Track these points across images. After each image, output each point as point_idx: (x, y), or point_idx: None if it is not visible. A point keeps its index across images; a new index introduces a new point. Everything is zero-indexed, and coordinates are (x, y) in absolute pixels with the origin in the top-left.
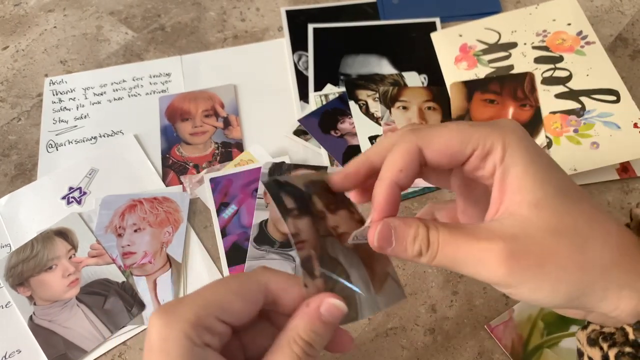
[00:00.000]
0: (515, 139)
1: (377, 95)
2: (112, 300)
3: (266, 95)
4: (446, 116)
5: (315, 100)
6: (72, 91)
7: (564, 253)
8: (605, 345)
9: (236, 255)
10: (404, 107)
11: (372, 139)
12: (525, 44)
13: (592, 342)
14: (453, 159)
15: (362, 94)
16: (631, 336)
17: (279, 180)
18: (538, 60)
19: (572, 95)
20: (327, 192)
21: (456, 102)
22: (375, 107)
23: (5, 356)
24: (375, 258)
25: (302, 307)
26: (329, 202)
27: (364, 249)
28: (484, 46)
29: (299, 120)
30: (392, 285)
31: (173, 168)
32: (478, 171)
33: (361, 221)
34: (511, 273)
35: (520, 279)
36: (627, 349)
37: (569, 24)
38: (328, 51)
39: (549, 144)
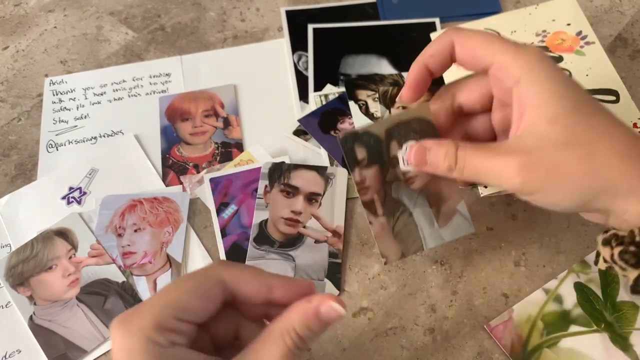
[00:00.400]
0: (534, 59)
1: (377, 95)
2: (112, 300)
3: (266, 95)
4: None
5: (315, 101)
6: (72, 91)
7: (572, 163)
8: (614, 245)
9: (236, 255)
10: (404, 107)
11: None
12: (524, 44)
13: (605, 242)
14: (475, 63)
15: (362, 94)
16: (637, 237)
17: (358, 131)
18: None
19: None
20: (413, 132)
21: None
22: (375, 107)
23: (5, 356)
24: (443, 198)
25: (302, 302)
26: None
27: (432, 190)
28: None
29: (299, 120)
30: (459, 220)
31: (173, 168)
32: (498, 82)
33: None
34: (526, 182)
35: (534, 187)
36: (631, 248)
37: (569, 24)
38: (328, 51)
39: None
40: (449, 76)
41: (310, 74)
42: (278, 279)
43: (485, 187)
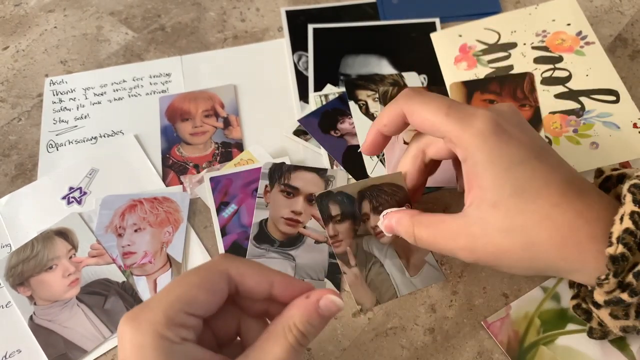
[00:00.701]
0: (478, 138)
1: (377, 95)
2: (113, 300)
3: (266, 96)
4: None
5: (315, 101)
6: (72, 91)
7: (514, 250)
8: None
9: (236, 254)
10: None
11: None
12: (524, 44)
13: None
14: (429, 132)
15: (362, 94)
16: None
17: (332, 191)
18: (538, 60)
19: (572, 95)
20: (384, 193)
21: None
22: (375, 107)
23: (5, 356)
24: (411, 250)
25: (301, 298)
26: (380, 204)
27: (400, 244)
28: (484, 46)
29: (299, 120)
30: (430, 269)
31: (173, 168)
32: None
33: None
34: (477, 261)
35: (485, 264)
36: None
37: (569, 24)
38: (328, 51)
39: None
40: (449, 77)
41: (310, 74)
42: (280, 275)
43: None
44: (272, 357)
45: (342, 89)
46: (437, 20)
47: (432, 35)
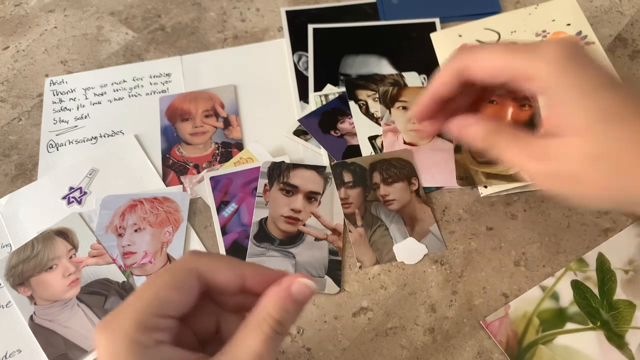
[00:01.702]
0: (561, 61)
1: (377, 95)
2: (113, 300)
3: (266, 96)
4: None
5: (315, 101)
6: (72, 91)
7: (599, 178)
8: None
9: (236, 253)
10: (404, 107)
11: (372, 139)
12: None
13: None
14: (495, 79)
15: (362, 94)
16: None
17: (346, 161)
18: None
19: None
20: (393, 167)
21: None
22: (375, 107)
23: (5, 356)
24: (417, 219)
25: (273, 287)
26: (389, 176)
27: (408, 212)
28: None
29: (299, 120)
30: (432, 239)
31: (173, 168)
32: (522, 89)
33: (416, 191)
34: (552, 189)
35: (560, 193)
36: None
37: (569, 24)
38: (328, 51)
39: None
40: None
41: (310, 74)
42: (251, 267)
43: (486, 187)
44: (248, 349)
45: (342, 89)
46: (437, 20)
47: (432, 35)
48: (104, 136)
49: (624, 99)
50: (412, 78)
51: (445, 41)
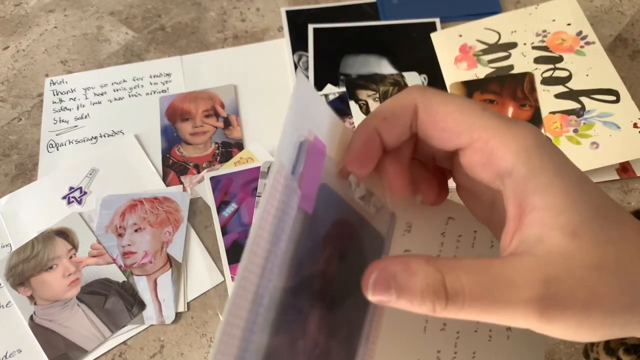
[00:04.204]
0: (531, 141)
1: (378, 95)
2: (113, 300)
3: (266, 96)
4: None
5: None
6: (72, 91)
7: (610, 294)
8: (625, 358)
9: (237, 253)
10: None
11: None
12: (525, 44)
13: (611, 351)
14: (445, 137)
15: (363, 94)
16: None
17: None
18: (538, 60)
19: (572, 95)
20: None
21: None
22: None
23: (5, 356)
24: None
25: None
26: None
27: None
28: (484, 46)
29: None
30: None
31: (173, 168)
32: (477, 169)
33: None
34: (551, 322)
35: (560, 325)
36: None
37: (569, 24)
38: (328, 51)
39: None
40: (450, 77)
41: (310, 74)
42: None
43: None
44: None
45: (343, 89)
46: (437, 20)
47: (432, 35)
48: (104, 136)
49: (605, 195)
50: (412, 78)
51: (445, 41)
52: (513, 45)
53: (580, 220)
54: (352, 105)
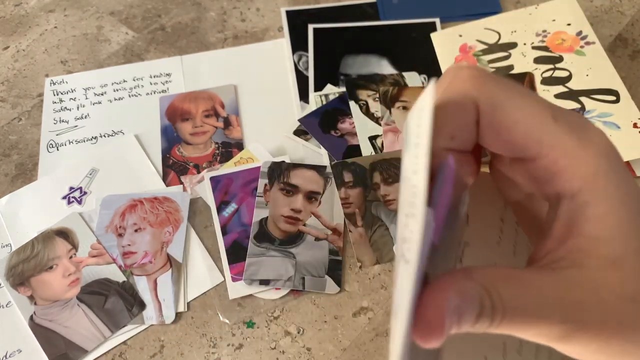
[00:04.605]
0: (606, 167)
1: (378, 95)
2: (113, 300)
3: (266, 95)
4: None
5: (316, 100)
6: (72, 91)
7: (637, 326)
8: None
9: (237, 253)
10: (404, 107)
11: (373, 138)
12: (525, 44)
13: None
14: (509, 149)
15: (363, 94)
16: None
17: (347, 161)
18: (538, 60)
19: (572, 95)
20: (393, 167)
21: None
22: (376, 107)
23: (5, 356)
24: None
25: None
26: (389, 176)
27: None
28: (484, 46)
29: (299, 120)
30: None
31: (173, 168)
32: (535, 182)
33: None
34: (570, 343)
35: (578, 348)
36: None
37: (569, 24)
38: (328, 51)
39: None
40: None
41: (310, 74)
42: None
43: None
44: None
45: (343, 89)
46: (437, 20)
47: (433, 35)
48: (104, 136)
49: None
50: (412, 78)
51: (445, 41)
52: (513, 45)
53: (624, 253)
54: (352, 105)
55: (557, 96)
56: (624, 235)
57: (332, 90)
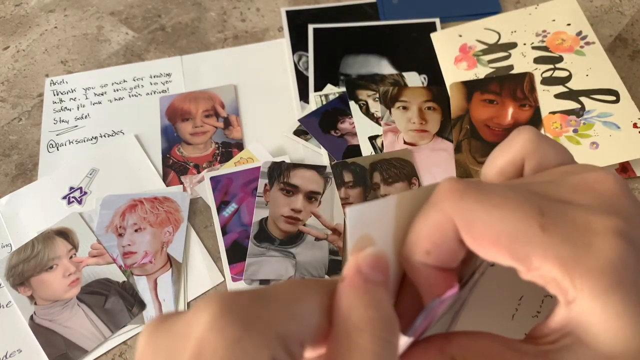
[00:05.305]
0: (614, 280)
1: (378, 95)
2: (113, 300)
3: (266, 96)
4: (446, 116)
5: (316, 100)
6: (72, 91)
7: None
8: None
9: (237, 253)
10: (404, 107)
11: (372, 138)
12: (525, 44)
13: None
14: (497, 260)
15: (363, 94)
16: None
17: (347, 161)
18: (538, 60)
19: (572, 95)
20: (393, 167)
21: (456, 102)
22: (376, 107)
23: (6, 356)
24: None
25: (339, 287)
26: (389, 176)
27: None
28: (484, 46)
29: (299, 120)
30: None
31: (173, 168)
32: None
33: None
34: None
35: None
36: None
37: (569, 24)
38: (328, 51)
39: None
40: (449, 77)
41: (310, 74)
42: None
43: None
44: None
45: (343, 89)
46: (437, 20)
47: (432, 35)
48: (104, 136)
49: None
50: (412, 78)
51: (445, 41)
52: (513, 45)
53: (622, 352)
54: (352, 105)
55: (557, 96)
56: (622, 337)
57: (332, 90)
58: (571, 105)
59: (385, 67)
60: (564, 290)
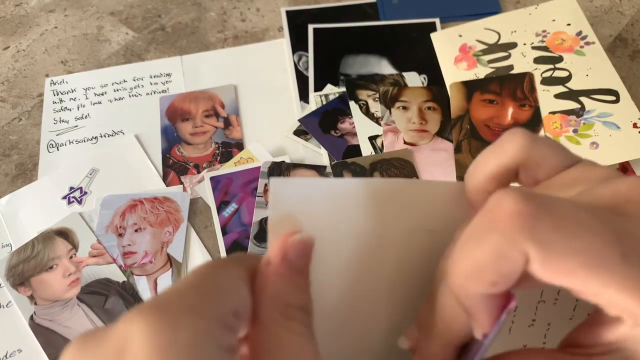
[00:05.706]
0: None
1: (378, 95)
2: (113, 300)
3: (266, 96)
4: (446, 116)
5: (316, 100)
6: (72, 91)
7: None
8: None
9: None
10: (404, 107)
11: (372, 139)
12: (524, 44)
13: None
14: (578, 288)
15: (363, 94)
16: None
17: (346, 161)
18: (538, 60)
19: (572, 95)
20: (393, 167)
21: (456, 102)
22: (376, 107)
23: (6, 356)
24: None
25: (263, 271)
26: (389, 176)
27: None
28: (484, 46)
29: (299, 120)
30: None
31: (173, 168)
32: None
33: None
34: None
35: None
36: None
37: (569, 24)
38: (328, 51)
39: None
40: (449, 77)
41: (310, 74)
42: None
43: None
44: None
45: (343, 89)
46: (437, 20)
47: (432, 35)
48: (104, 136)
49: None
50: (412, 78)
51: (445, 41)
52: (513, 45)
53: None
54: (352, 105)
55: (557, 96)
56: None
57: (332, 90)
58: (571, 105)
59: (385, 67)
60: (634, 316)
